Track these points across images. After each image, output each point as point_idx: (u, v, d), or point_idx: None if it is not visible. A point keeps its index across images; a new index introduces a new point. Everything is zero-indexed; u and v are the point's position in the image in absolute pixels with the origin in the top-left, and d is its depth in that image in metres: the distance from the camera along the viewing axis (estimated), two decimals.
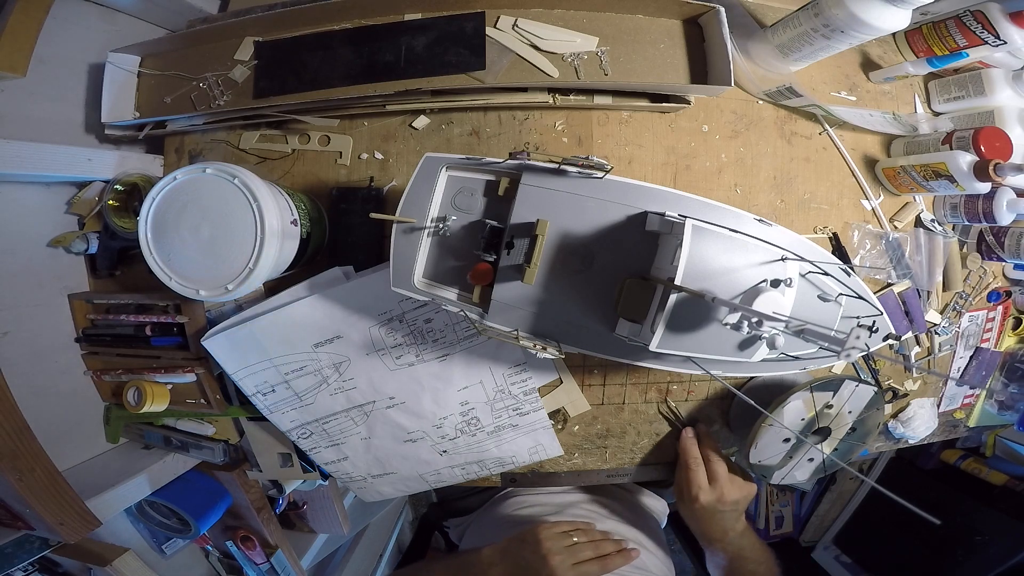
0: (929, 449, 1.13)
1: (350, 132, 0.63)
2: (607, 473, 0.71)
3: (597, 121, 0.62)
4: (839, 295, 0.47)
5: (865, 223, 0.67)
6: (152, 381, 0.64)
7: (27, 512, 0.52)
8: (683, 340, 0.40)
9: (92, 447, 0.68)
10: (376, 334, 0.60)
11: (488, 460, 0.68)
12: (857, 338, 0.29)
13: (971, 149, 0.59)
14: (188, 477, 0.74)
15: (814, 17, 0.54)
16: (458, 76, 0.56)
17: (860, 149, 0.67)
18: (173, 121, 0.62)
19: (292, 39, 0.59)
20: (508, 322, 0.47)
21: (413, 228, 0.47)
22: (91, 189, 0.62)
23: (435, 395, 0.63)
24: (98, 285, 0.67)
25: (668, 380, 0.67)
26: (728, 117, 0.64)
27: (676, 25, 0.58)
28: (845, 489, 1.30)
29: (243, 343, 0.59)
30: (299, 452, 0.69)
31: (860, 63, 0.68)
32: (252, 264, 0.48)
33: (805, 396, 0.61)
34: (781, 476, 0.67)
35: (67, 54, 0.61)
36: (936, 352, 0.72)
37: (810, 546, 1.35)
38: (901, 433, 0.73)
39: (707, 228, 0.39)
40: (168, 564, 0.82)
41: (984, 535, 0.99)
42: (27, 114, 0.57)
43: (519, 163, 0.45)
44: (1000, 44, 0.57)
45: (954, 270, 0.69)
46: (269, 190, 0.50)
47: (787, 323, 0.33)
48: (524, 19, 0.57)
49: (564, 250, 0.45)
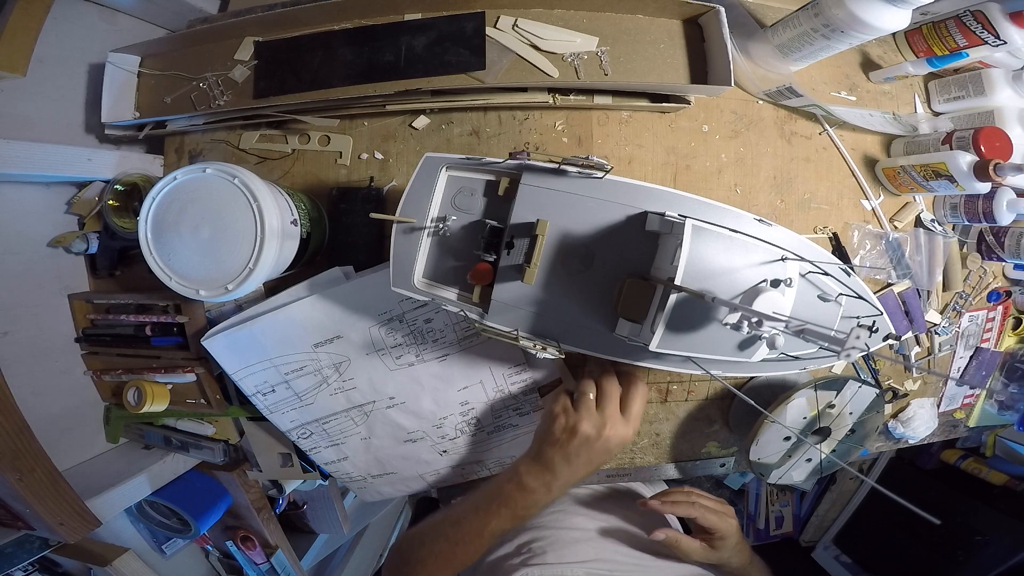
0: (929, 449, 1.14)
1: (350, 132, 0.63)
2: (607, 473, 0.71)
3: (597, 121, 0.62)
4: (839, 295, 0.47)
5: (865, 223, 0.67)
6: (152, 381, 0.64)
7: (27, 512, 0.52)
8: (683, 340, 0.40)
9: (92, 447, 0.68)
10: (376, 334, 0.60)
11: (488, 460, 0.68)
12: (857, 338, 0.29)
13: (971, 149, 0.59)
14: (188, 477, 0.74)
15: (814, 17, 0.54)
16: (458, 76, 0.56)
17: (860, 149, 0.67)
18: (173, 121, 0.62)
19: (292, 39, 0.59)
20: (508, 322, 0.47)
21: (413, 228, 0.47)
22: (91, 189, 0.62)
23: (435, 395, 0.63)
24: (98, 285, 0.67)
25: (668, 380, 0.67)
26: (728, 117, 0.64)
27: (676, 25, 0.58)
28: (845, 489, 1.30)
29: (243, 343, 0.59)
30: (299, 452, 0.69)
31: (860, 63, 0.68)
32: (252, 264, 0.48)
33: (809, 394, 0.61)
34: (779, 475, 0.67)
35: (67, 54, 0.61)
36: (936, 352, 0.72)
37: (810, 546, 1.36)
38: (901, 433, 0.73)
39: (707, 228, 0.39)
40: (168, 564, 0.82)
41: (984, 535, 0.99)
42: (27, 114, 0.57)
43: (519, 163, 0.45)
44: (1000, 44, 0.57)
45: (954, 270, 0.69)
46: (269, 190, 0.50)
47: (787, 323, 0.33)
48: (524, 19, 0.57)
49: (564, 250, 0.45)
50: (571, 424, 0.51)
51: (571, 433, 0.51)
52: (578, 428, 0.50)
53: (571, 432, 0.51)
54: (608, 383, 0.53)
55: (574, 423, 0.50)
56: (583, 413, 0.51)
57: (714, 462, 0.72)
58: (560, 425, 0.51)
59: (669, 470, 0.72)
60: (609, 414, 0.51)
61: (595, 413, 0.51)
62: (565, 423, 0.51)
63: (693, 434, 0.70)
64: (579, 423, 0.50)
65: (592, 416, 0.51)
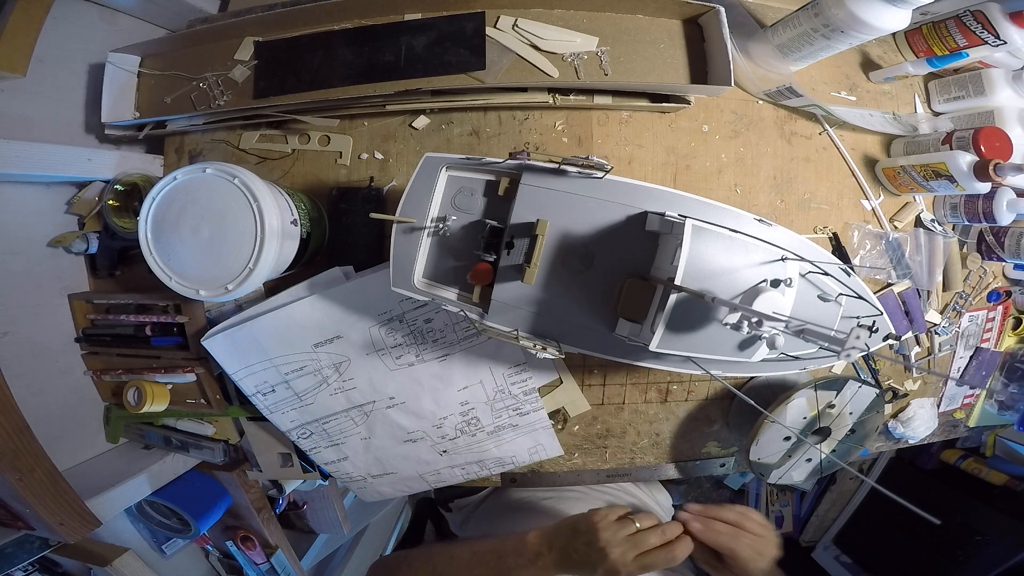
0: (929, 449, 1.14)
1: (350, 132, 0.63)
2: (607, 473, 0.71)
3: (597, 121, 0.62)
4: (839, 295, 0.47)
5: (865, 223, 0.67)
6: (152, 381, 0.64)
7: (27, 512, 0.52)
8: (683, 340, 0.40)
9: (92, 447, 0.68)
10: (376, 334, 0.60)
11: (488, 460, 0.68)
12: (857, 338, 0.29)
13: (971, 149, 0.59)
14: (188, 477, 0.74)
15: (814, 17, 0.54)
16: (458, 76, 0.56)
17: (860, 149, 0.67)
18: (173, 121, 0.62)
19: (292, 39, 0.59)
20: (508, 322, 0.47)
21: (413, 228, 0.47)
22: (91, 189, 0.62)
23: (435, 395, 0.63)
24: (98, 285, 0.67)
25: (668, 380, 0.67)
26: (728, 117, 0.64)
27: (676, 25, 0.58)
28: (845, 489, 1.30)
29: (243, 343, 0.59)
30: (299, 452, 0.69)
31: (860, 63, 0.68)
32: (252, 264, 0.48)
33: (809, 394, 0.61)
34: (779, 475, 0.67)
35: (67, 54, 0.61)
36: (936, 352, 0.72)
37: (810, 546, 1.35)
38: (901, 433, 0.73)
39: (707, 228, 0.39)
40: (168, 564, 0.82)
41: (984, 535, 0.99)
42: (27, 114, 0.57)
43: (519, 163, 0.45)
44: (1000, 44, 0.57)
45: (954, 270, 0.69)
46: (269, 190, 0.50)
47: (787, 323, 0.33)
48: (524, 19, 0.57)
49: (564, 250, 0.45)
50: (597, 525, 0.51)
51: (589, 533, 0.51)
52: (598, 534, 0.50)
53: (589, 533, 0.51)
54: (655, 533, 0.51)
55: (601, 527, 0.51)
56: (615, 532, 0.50)
57: (714, 462, 0.72)
58: (597, 516, 0.52)
59: (669, 470, 0.72)
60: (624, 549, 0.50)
61: (621, 539, 0.50)
62: (601, 519, 0.51)
63: (693, 434, 0.70)
64: (602, 531, 0.50)
65: (615, 539, 0.50)
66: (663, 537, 0.51)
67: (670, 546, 0.51)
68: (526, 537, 0.54)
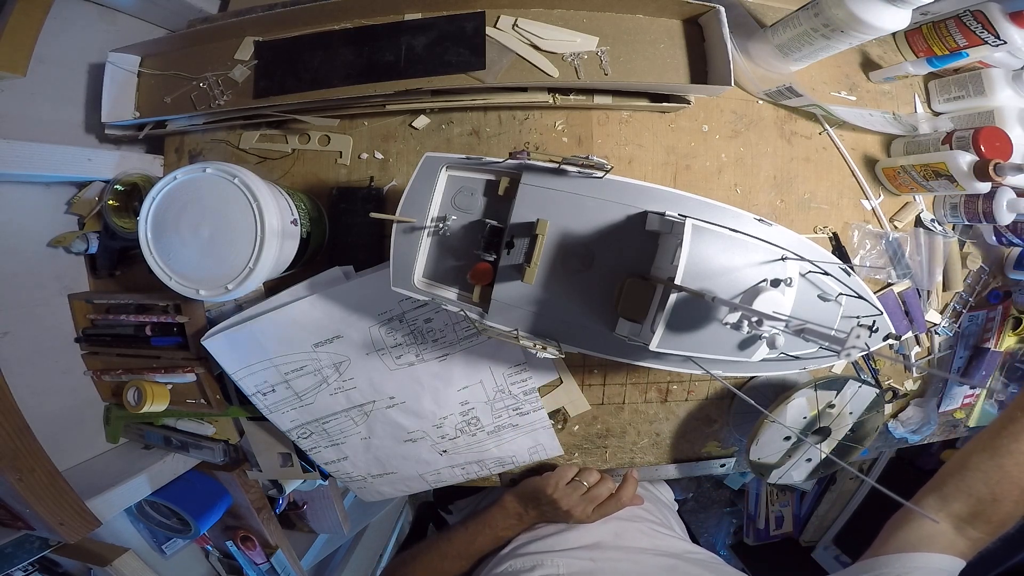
0: (929, 449, 1.13)
1: (350, 132, 0.63)
2: (607, 472, 0.71)
3: (597, 121, 0.62)
4: (839, 295, 0.47)
5: (865, 223, 0.67)
6: (152, 381, 0.64)
7: (27, 512, 0.52)
8: (683, 340, 0.40)
9: (92, 447, 0.68)
10: (376, 334, 0.60)
11: (488, 460, 0.68)
12: (857, 338, 0.29)
13: (971, 149, 0.59)
14: (188, 477, 0.74)
15: (814, 17, 0.54)
16: (458, 76, 0.56)
17: (860, 149, 0.67)
18: (173, 121, 0.62)
19: (292, 39, 0.59)
20: (508, 322, 0.47)
21: (413, 228, 0.47)
22: (91, 189, 0.62)
23: (435, 395, 0.63)
24: (98, 285, 0.67)
25: (668, 380, 0.67)
26: (728, 117, 0.64)
27: (676, 25, 0.58)
28: (845, 489, 1.30)
29: (243, 343, 0.59)
30: (299, 452, 0.69)
31: (860, 63, 0.68)
32: (252, 264, 0.48)
33: (809, 394, 0.61)
34: (779, 475, 0.67)
35: (67, 54, 0.61)
36: (936, 352, 0.72)
37: (810, 546, 1.36)
38: (901, 433, 0.72)
39: (707, 228, 0.39)
40: (168, 564, 0.82)
41: None
42: (27, 114, 0.57)
43: (519, 163, 0.45)
44: (1000, 44, 0.57)
45: (954, 270, 0.69)
46: (269, 190, 0.50)
47: (787, 323, 0.33)
48: (524, 19, 0.57)
49: (564, 250, 0.45)
50: (554, 497, 0.62)
51: (551, 504, 0.62)
52: (558, 503, 0.61)
53: (551, 503, 0.62)
54: (603, 485, 0.63)
55: (558, 496, 0.62)
56: (570, 496, 0.62)
57: (714, 462, 0.72)
58: (551, 487, 0.62)
59: (669, 470, 0.72)
60: (583, 507, 0.62)
61: (577, 499, 0.62)
62: (554, 489, 0.62)
63: (693, 434, 0.70)
64: (560, 499, 0.61)
65: (572, 501, 0.62)
66: (610, 488, 0.63)
67: (617, 493, 0.63)
68: (503, 501, 0.64)
